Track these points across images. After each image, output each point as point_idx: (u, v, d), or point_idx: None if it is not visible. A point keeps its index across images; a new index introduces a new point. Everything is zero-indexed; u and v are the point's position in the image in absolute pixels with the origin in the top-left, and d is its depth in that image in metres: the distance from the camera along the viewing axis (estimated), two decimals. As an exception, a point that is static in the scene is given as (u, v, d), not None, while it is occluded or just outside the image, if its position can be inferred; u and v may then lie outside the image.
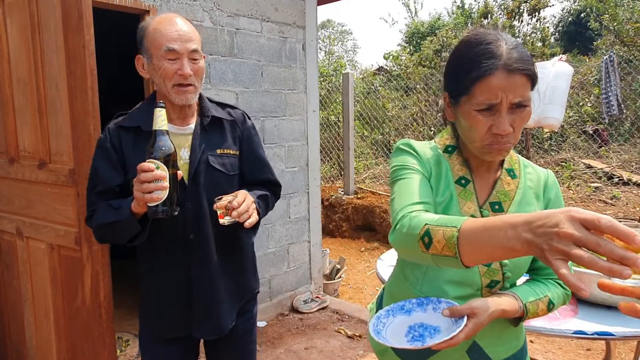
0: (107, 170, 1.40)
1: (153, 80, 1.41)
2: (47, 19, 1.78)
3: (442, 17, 17.11)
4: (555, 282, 1.09)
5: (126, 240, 1.38)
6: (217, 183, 1.47)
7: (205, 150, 1.46)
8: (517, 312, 1.01)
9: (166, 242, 1.44)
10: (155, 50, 1.35)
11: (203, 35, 2.98)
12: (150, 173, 1.17)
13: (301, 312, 3.71)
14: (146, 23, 1.40)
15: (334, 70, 11.88)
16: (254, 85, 3.34)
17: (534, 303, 1.03)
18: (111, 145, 1.41)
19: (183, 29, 1.37)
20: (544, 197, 1.11)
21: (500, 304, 0.99)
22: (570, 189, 5.57)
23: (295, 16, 3.59)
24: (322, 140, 7.86)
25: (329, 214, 6.36)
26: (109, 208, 1.36)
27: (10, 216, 2.12)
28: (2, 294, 2.28)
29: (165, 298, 1.48)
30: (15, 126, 2.00)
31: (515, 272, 1.07)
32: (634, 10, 7.80)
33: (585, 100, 6.92)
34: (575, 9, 14.34)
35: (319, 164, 3.97)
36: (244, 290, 1.61)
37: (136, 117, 1.44)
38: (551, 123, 4.04)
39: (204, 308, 1.48)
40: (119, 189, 1.41)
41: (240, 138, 1.56)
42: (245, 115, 1.62)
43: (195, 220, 1.44)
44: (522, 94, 0.94)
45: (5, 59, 1.96)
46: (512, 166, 1.11)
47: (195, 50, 1.38)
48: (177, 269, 1.46)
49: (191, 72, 1.37)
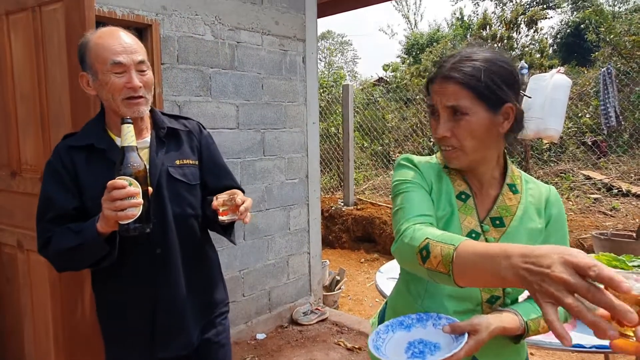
0: (60, 195, 1.35)
1: (100, 96, 1.37)
2: (51, 34, 1.80)
3: (442, 28, 17.27)
4: None
5: (90, 264, 1.33)
6: (180, 194, 1.45)
7: (164, 162, 1.43)
8: (518, 330, 1.00)
9: (131, 259, 1.38)
10: (100, 66, 1.30)
11: (204, 48, 3.02)
12: (123, 190, 1.13)
13: (301, 324, 3.70)
14: (86, 39, 1.35)
15: (334, 82, 11.95)
16: (254, 98, 3.37)
17: (536, 321, 1.02)
18: (62, 166, 1.36)
19: (126, 41, 1.33)
20: (546, 213, 1.10)
21: (501, 320, 0.99)
22: (569, 200, 5.58)
23: (296, 29, 3.64)
24: (322, 151, 7.88)
25: (328, 225, 6.36)
26: (68, 232, 1.30)
27: (11, 229, 2.13)
28: (3, 307, 2.28)
29: (128, 318, 1.43)
30: (18, 140, 2.01)
31: (516, 289, 1.07)
32: (631, 22, 7.88)
33: (584, 112, 6.95)
34: (573, 21, 14.47)
35: (318, 176, 3.99)
36: (212, 303, 1.57)
37: (87, 135, 1.40)
38: (550, 134, 4.06)
39: (169, 326, 1.44)
40: (75, 212, 1.35)
41: (198, 148, 1.55)
42: (200, 125, 1.60)
43: (162, 234, 1.41)
44: (455, 100, 1.00)
45: (9, 74, 1.99)
46: (514, 181, 1.11)
47: (142, 62, 1.34)
48: (142, 287, 1.41)
49: (140, 84, 1.33)
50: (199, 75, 3.02)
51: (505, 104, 1.01)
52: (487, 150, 1.06)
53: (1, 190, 2.14)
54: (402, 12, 20.25)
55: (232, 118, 3.24)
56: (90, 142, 1.37)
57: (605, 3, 13.61)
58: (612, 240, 2.15)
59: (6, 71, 1.99)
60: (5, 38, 1.97)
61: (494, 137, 1.04)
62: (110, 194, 1.14)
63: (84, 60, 1.35)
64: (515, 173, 1.13)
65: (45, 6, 1.80)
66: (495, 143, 1.06)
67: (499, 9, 15.60)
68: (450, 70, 1.01)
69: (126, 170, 1.16)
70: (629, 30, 7.39)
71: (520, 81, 1.07)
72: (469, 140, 1.02)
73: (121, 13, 2.59)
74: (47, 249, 1.34)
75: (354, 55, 32.44)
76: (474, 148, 1.03)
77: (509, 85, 1.01)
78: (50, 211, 1.35)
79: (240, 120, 3.30)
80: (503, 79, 1.00)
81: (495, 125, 1.02)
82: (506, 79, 1.01)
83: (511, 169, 1.13)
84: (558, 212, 1.11)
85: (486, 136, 1.02)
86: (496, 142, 1.06)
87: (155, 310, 1.43)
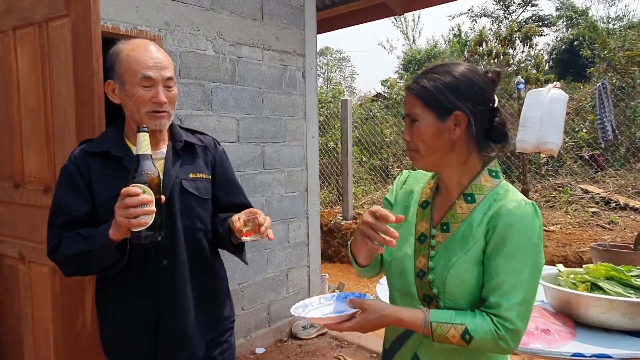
0: (73, 199, 1.36)
1: (124, 106, 1.39)
2: (57, 48, 1.84)
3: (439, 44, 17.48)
4: (490, 317, 1.01)
5: (99, 270, 1.34)
6: (191, 207, 1.46)
7: (178, 175, 1.45)
8: (418, 327, 1.04)
9: (137, 268, 1.39)
10: (129, 77, 1.34)
11: (205, 63, 3.07)
12: (136, 197, 1.15)
13: (300, 338, 3.68)
14: (118, 49, 1.38)
15: (332, 97, 12.05)
16: (254, 112, 3.41)
17: (444, 325, 1.02)
18: (77, 171, 1.37)
19: (158, 56, 1.37)
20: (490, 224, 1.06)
21: (398, 311, 1.07)
22: (568, 214, 5.60)
23: (296, 45, 3.70)
24: (321, 165, 7.92)
25: (327, 239, 6.36)
26: (79, 237, 1.31)
27: (13, 240, 2.14)
28: (3, 319, 2.28)
29: (131, 328, 1.42)
30: (22, 152, 2.04)
31: (447, 292, 1.07)
32: (625, 39, 8.00)
33: (581, 126, 7.02)
34: (568, 37, 14.68)
35: (318, 189, 4.01)
36: (218, 319, 1.57)
37: (104, 142, 1.42)
38: (550, 148, 4.10)
39: (173, 338, 1.43)
40: (86, 218, 1.36)
41: (212, 163, 1.57)
42: (215, 141, 1.63)
43: (170, 245, 1.41)
44: (410, 108, 1.13)
45: (14, 88, 2.02)
46: (474, 192, 1.12)
47: (170, 78, 1.38)
48: (145, 297, 1.41)
49: (166, 100, 1.37)
50: (200, 89, 3.06)
51: (453, 112, 1.07)
52: (443, 154, 1.11)
53: (4, 202, 2.16)
54: (400, 28, 20.50)
55: (233, 132, 3.27)
56: (107, 149, 1.39)
57: (599, 20, 13.83)
58: (610, 251, 2.17)
59: (12, 84, 2.03)
60: (12, 52, 2.01)
61: (446, 142, 1.09)
62: (124, 201, 1.16)
63: (112, 68, 1.38)
64: (484, 184, 1.12)
65: (52, 21, 1.84)
66: (450, 148, 1.10)
67: (495, 25, 15.84)
68: (411, 83, 1.14)
69: (140, 178, 1.18)
70: (623, 46, 7.50)
71: (487, 93, 1.11)
72: (421, 144, 1.11)
73: (125, 28, 2.64)
74: (56, 253, 1.35)
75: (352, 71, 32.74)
76: (427, 152, 1.11)
77: (461, 95, 1.07)
78: (61, 216, 1.36)
79: (241, 134, 3.33)
80: (453, 89, 1.07)
81: (444, 131, 1.09)
82: (457, 89, 1.07)
83: (482, 180, 1.13)
84: (503, 232, 1.03)
85: (436, 141, 1.09)
86: (451, 147, 1.10)
87: (159, 323, 1.42)
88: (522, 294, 1.00)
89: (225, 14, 3.18)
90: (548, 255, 4.62)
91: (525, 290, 1.01)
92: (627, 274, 1.74)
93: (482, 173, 1.13)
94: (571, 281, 1.82)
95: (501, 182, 1.13)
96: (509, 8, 16.97)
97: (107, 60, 1.40)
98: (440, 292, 1.09)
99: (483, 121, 1.10)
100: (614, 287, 1.69)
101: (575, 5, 15.86)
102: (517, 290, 1.00)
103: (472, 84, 1.09)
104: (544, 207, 5.98)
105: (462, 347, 1.02)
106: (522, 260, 1.02)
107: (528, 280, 1.01)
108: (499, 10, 17.22)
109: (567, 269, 1.92)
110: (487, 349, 1.04)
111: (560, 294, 1.75)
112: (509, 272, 1.01)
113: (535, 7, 16.66)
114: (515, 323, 0.99)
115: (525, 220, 1.03)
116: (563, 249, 4.69)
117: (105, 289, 1.47)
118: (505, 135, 1.13)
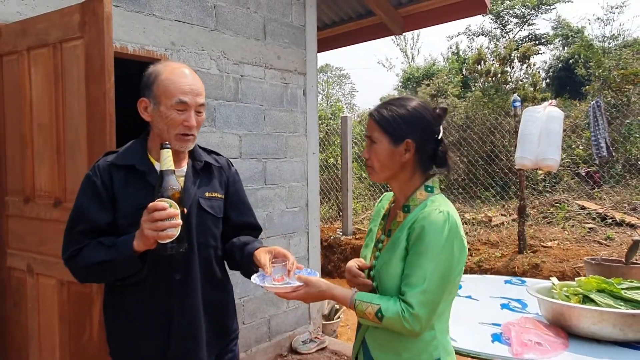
0: (95, 208, 1.40)
1: (155, 124, 1.45)
2: (70, 68, 1.92)
3: (437, 62, 17.69)
4: (401, 303, 1.21)
5: (117, 278, 1.38)
6: (206, 225, 1.53)
7: (197, 193, 1.51)
8: (346, 303, 1.29)
9: (149, 280, 1.43)
10: (165, 100, 1.40)
11: (209, 81, 3.16)
12: (164, 211, 1.21)
13: (300, 352, 3.70)
14: (157, 70, 1.45)
15: (332, 114, 12.18)
16: (256, 129, 3.50)
17: (364, 303, 1.25)
18: (101, 183, 1.41)
19: (195, 83, 1.44)
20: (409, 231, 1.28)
21: (334, 288, 1.32)
22: (565, 230, 5.66)
23: (297, 63, 3.80)
24: (321, 181, 7.99)
25: (327, 254, 6.40)
26: (101, 246, 1.35)
27: (21, 253, 2.20)
28: (9, 332, 2.32)
29: (142, 341, 1.46)
30: (33, 167, 2.10)
31: (382, 284, 1.31)
32: (620, 57, 8.15)
33: (577, 143, 7.12)
34: (564, 55, 14.89)
35: (318, 205, 4.08)
36: (225, 331, 1.63)
37: (129, 155, 1.47)
38: (549, 164, 4.17)
39: (183, 349, 1.47)
40: (107, 227, 1.40)
41: (226, 183, 1.64)
42: (229, 162, 1.71)
43: (184, 261, 1.46)
44: (371, 131, 1.36)
45: (27, 105, 2.10)
46: (410, 203, 1.35)
47: (202, 105, 1.46)
48: (157, 310, 1.45)
49: (195, 124, 1.44)
50: (204, 107, 3.14)
51: (405, 140, 1.31)
52: (394, 172, 1.35)
53: (14, 216, 2.22)
54: (400, 46, 20.78)
55: (235, 148, 3.35)
56: (132, 163, 1.45)
57: (595, 39, 14.05)
58: (603, 265, 2.23)
59: (25, 102, 2.11)
60: (26, 72, 2.09)
61: (397, 163, 1.33)
62: (151, 215, 1.22)
63: (149, 88, 1.44)
64: (418, 197, 1.34)
65: (66, 42, 1.93)
66: (400, 168, 1.34)
67: (492, 44, 16.08)
68: (373, 110, 1.38)
69: (166, 192, 1.25)
70: (617, 65, 7.64)
71: (433, 126, 1.34)
72: (376, 162, 1.35)
73: (132, 48, 2.73)
74: (76, 260, 1.39)
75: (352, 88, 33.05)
76: (380, 168, 1.35)
77: (412, 126, 1.31)
78: (82, 223, 1.41)
79: (243, 150, 3.41)
80: (406, 120, 1.31)
81: (396, 154, 1.32)
82: (409, 121, 1.31)
83: (417, 194, 1.34)
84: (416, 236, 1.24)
85: (389, 161, 1.33)
86: (401, 167, 1.34)
87: (170, 335, 1.46)
88: (423, 285, 1.20)
89: (229, 34, 3.29)
90: (546, 271, 4.67)
91: (427, 282, 1.20)
92: (618, 286, 1.80)
93: (420, 188, 1.35)
94: (564, 294, 1.87)
95: (432, 196, 1.34)
96: (506, 27, 17.25)
97: (144, 79, 1.46)
98: (378, 284, 1.33)
99: (428, 149, 1.34)
100: (605, 299, 1.75)
101: (571, 24, 16.12)
102: (420, 281, 1.20)
103: (422, 118, 1.32)
104: (541, 223, 6.04)
105: (375, 324, 1.24)
106: (428, 257, 1.21)
107: (431, 273, 1.20)
108: (496, 29, 17.50)
109: (561, 282, 1.98)
110: (396, 328, 1.23)
111: (554, 306, 1.80)
112: (416, 266, 1.22)
113: (532, 26, 16.94)
114: (416, 309, 1.19)
115: (436, 225, 1.22)
116: (560, 265, 4.74)
117: (116, 302, 1.50)
118: (446, 161, 1.37)
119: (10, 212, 2.24)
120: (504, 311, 2.11)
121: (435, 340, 1.29)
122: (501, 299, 2.29)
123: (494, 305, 2.19)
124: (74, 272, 1.44)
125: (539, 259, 4.91)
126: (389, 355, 1.31)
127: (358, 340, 1.42)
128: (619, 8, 14.17)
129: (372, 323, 1.26)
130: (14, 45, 2.13)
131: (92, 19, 1.85)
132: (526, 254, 5.11)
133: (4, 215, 2.27)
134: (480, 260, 5.29)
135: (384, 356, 1.32)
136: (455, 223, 1.24)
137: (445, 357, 1.31)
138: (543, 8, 16.30)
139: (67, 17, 1.94)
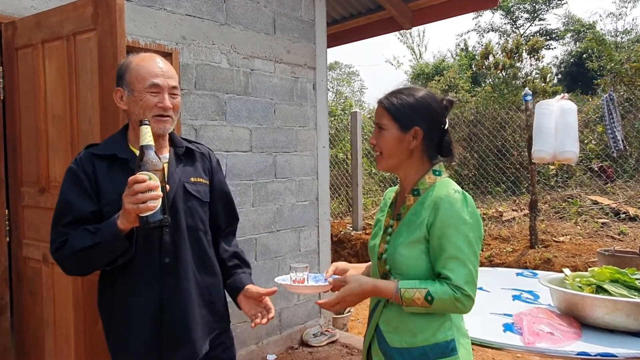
0: (79, 198, 1.42)
1: (131, 111, 1.48)
2: (84, 60, 1.95)
3: (447, 58, 17.59)
4: (446, 283, 1.25)
5: (105, 263, 1.39)
6: (194, 209, 1.56)
7: (181, 177, 1.54)
8: (391, 294, 1.29)
9: (140, 265, 1.45)
10: (138, 85, 1.44)
11: (220, 75, 3.18)
12: (144, 184, 1.23)
13: (311, 345, 3.72)
14: (128, 60, 1.50)
15: (342, 110, 12.17)
16: (266, 122, 3.51)
17: (410, 290, 1.26)
18: (83, 172, 1.44)
19: (166, 67, 1.49)
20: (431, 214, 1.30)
21: (375, 281, 1.34)
22: (577, 225, 5.60)
23: (307, 58, 3.80)
24: (331, 177, 7.99)
25: (337, 249, 6.40)
26: (85, 232, 1.37)
27: (37, 243, 2.23)
28: (25, 321, 2.36)
29: (134, 324, 1.46)
30: (48, 158, 2.13)
31: (396, 267, 1.34)
32: (631, 51, 8.04)
33: (590, 138, 7.04)
34: (576, 50, 14.73)
35: (328, 198, 4.08)
36: (217, 314, 1.63)
37: (110, 146, 1.50)
38: (569, 157, 4.12)
39: (176, 332, 1.48)
40: (92, 216, 1.42)
41: (209, 170, 1.67)
42: (210, 151, 1.74)
43: (172, 244, 1.48)
44: (379, 118, 1.40)
45: (42, 97, 2.13)
46: (419, 187, 1.38)
47: (175, 87, 1.49)
48: (149, 293, 1.46)
49: (170, 106, 1.47)
50: (215, 100, 3.17)
51: (413, 127, 1.35)
52: (401, 159, 1.39)
53: (29, 207, 2.26)
54: (406, 43, 20.66)
55: (246, 141, 3.37)
56: (113, 152, 1.48)
57: (607, 34, 13.87)
58: (616, 256, 2.21)
59: (39, 94, 2.14)
60: (40, 64, 2.12)
61: (405, 150, 1.37)
62: (132, 188, 1.24)
63: (122, 77, 1.49)
64: (427, 181, 1.38)
65: (80, 35, 1.95)
66: (408, 155, 1.38)
67: (502, 39, 15.94)
68: (383, 98, 1.41)
69: (146, 166, 1.27)
70: (629, 59, 7.54)
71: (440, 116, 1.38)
72: (385, 149, 1.39)
73: (144, 42, 2.76)
74: (62, 250, 1.40)
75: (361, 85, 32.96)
76: (388, 155, 1.39)
77: (420, 115, 1.35)
78: (68, 215, 1.42)
79: (254, 144, 3.42)
80: (414, 109, 1.35)
81: (404, 141, 1.36)
82: (417, 109, 1.35)
83: (426, 178, 1.38)
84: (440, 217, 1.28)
85: (397, 147, 1.37)
86: (409, 154, 1.38)
87: (162, 319, 1.47)
88: (465, 265, 1.25)
89: (239, 28, 3.30)
90: (557, 266, 4.63)
91: (468, 261, 1.25)
92: (631, 276, 1.78)
93: (428, 173, 1.39)
94: (577, 284, 1.86)
95: (441, 179, 1.37)
96: (516, 22, 17.09)
97: (118, 71, 1.51)
98: (391, 267, 1.36)
99: (435, 138, 1.39)
100: (619, 289, 1.74)
101: (582, 20, 15.93)
102: (460, 262, 1.25)
103: (430, 107, 1.37)
104: (553, 218, 5.99)
105: (425, 308, 1.25)
106: (460, 237, 1.25)
107: (467, 252, 1.25)
108: (506, 25, 17.35)
109: (573, 273, 1.97)
110: (447, 309, 1.27)
111: (567, 296, 1.79)
112: (451, 247, 1.25)
113: (542, 22, 16.76)
114: (467, 290, 1.24)
115: (458, 204, 1.27)
116: (573, 259, 4.69)
117: (108, 289, 1.52)
118: (451, 151, 1.42)
119: (25, 202, 2.27)
120: (516, 302, 2.10)
121: (449, 321, 1.32)
122: (513, 290, 2.28)
123: (506, 297, 2.19)
124: (61, 263, 1.44)
125: (550, 253, 4.87)
126: (404, 337, 1.32)
127: (371, 328, 1.43)
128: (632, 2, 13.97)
129: (421, 309, 1.27)
130: (29, 38, 2.16)
131: (104, 10, 1.87)
132: (538, 248, 5.07)
133: (20, 206, 2.30)
134: (491, 254, 5.26)
135: (399, 338, 1.33)
136: (471, 199, 1.31)
137: (459, 338, 1.33)
138: (554, 2, 16.11)
139: (80, 9, 1.96)
